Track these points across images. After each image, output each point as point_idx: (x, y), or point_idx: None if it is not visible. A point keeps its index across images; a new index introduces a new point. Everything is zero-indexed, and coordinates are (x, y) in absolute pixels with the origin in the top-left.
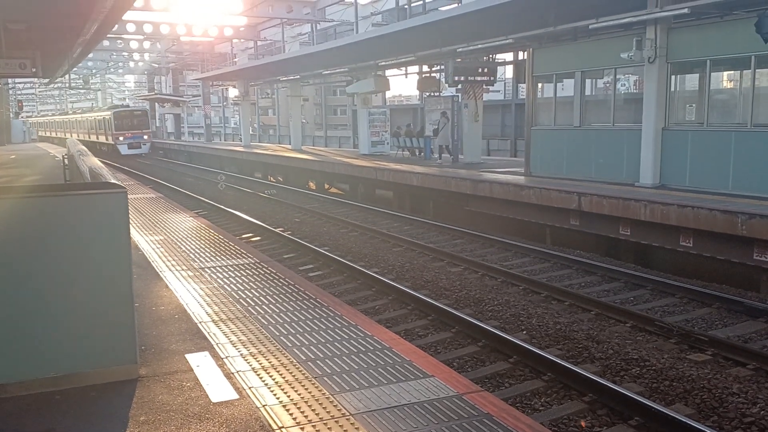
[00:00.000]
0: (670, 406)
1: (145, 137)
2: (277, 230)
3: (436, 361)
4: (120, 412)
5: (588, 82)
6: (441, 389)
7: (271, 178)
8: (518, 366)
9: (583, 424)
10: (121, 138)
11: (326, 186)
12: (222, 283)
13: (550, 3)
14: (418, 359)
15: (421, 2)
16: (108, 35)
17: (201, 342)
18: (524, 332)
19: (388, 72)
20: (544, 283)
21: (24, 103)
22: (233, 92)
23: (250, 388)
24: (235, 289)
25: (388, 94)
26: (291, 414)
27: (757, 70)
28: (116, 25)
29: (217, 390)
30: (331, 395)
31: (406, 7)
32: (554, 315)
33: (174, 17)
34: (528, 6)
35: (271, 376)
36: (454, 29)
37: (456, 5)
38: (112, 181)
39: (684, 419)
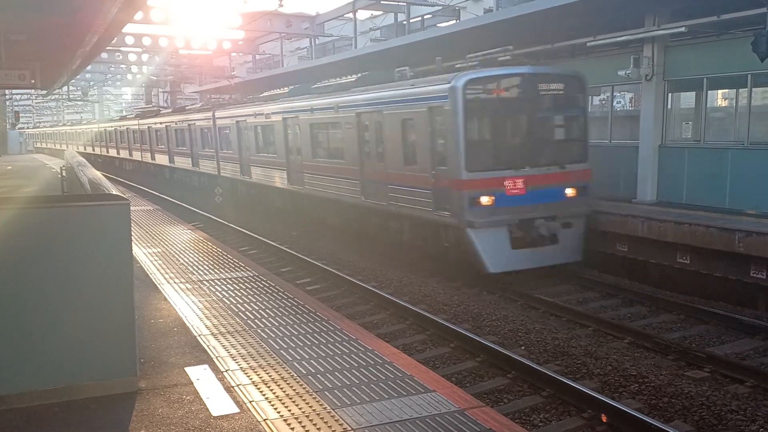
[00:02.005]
0: (670, 423)
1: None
2: (274, 244)
3: (437, 376)
4: (120, 425)
5: None
6: (443, 404)
7: None
8: (517, 381)
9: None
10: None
11: None
12: (220, 296)
13: (548, 20)
14: (420, 374)
15: (419, 18)
16: (107, 47)
17: (200, 355)
18: (522, 348)
19: None
20: (541, 299)
21: (20, 114)
22: None
23: (250, 401)
24: (234, 302)
25: None
26: (292, 428)
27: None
28: (115, 38)
29: (218, 403)
30: (333, 410)
31: (404, 23)
32: (552, 330)
33: (173, 30)
34: (526, 23)
35: (271, 390)
36: (452, 46)
37: (454, 21)
38: (114, 192)
39: None
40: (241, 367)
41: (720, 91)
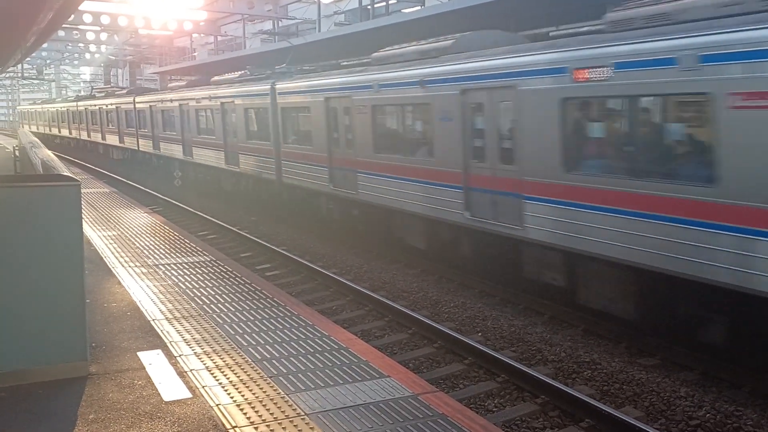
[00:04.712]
0: (620, 409)
1: None
2: (234, 228)
3: (393, 362)
4: (69, 410)
5: None
6: (397, 389)
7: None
8: (473, 367)
9: None
10: None
11: None
12: (176, 280)
13: (515, 8)
14: (375, 359)
15: (384, 3)
16: (64, 25)
17: (154, 340)
18: (479, 334)
19: None
20: (499, 287)
21: None
22: None
23: (203, 387)
24: (190, 286)
25: None
26: (245, 413)
27: None
28: (72, 15)
29: (170, 388)
30: (286, 395)
31: (369, 7)
32: (509, 318)
33: (133, 9)
34: (488, 12)
35: (225, 375)
36: (416, 31)
37: (419, 8)
38: (66, 173)
39: (633, 422)
40: (194, 352)
41: None
